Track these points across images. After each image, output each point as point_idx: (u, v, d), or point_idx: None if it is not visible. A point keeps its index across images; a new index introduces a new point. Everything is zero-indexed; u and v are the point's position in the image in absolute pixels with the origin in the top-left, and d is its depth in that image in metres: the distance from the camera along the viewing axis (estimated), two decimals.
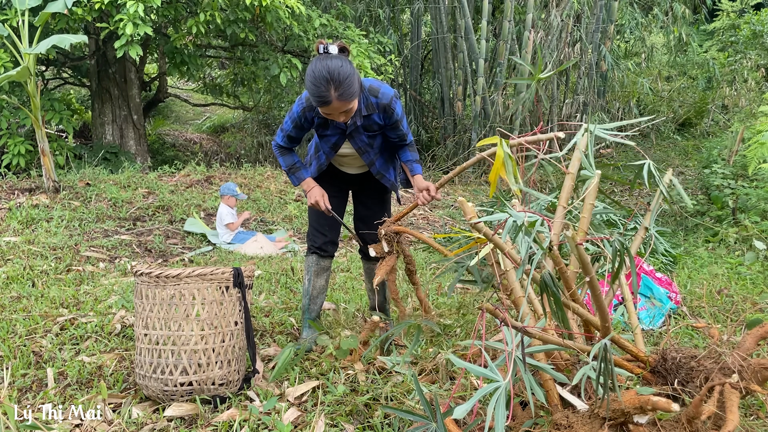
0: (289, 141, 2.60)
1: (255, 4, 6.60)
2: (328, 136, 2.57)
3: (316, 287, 2.85)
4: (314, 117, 2.48)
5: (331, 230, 2.81)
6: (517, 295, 1.81)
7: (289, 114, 2.53)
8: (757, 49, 10.63)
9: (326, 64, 2.17)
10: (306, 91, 2.43)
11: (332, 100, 2.18)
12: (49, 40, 5.31)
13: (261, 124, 12.01)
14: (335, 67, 2.17)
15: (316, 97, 2.20)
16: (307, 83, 2.21)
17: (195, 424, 2.08)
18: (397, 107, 2.46)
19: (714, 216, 5.53)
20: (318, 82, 2.16)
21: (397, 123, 2.51)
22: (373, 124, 2.50)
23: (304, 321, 2.88)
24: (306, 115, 2.47)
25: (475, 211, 1.58)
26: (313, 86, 2.18)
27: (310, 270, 2.84)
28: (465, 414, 1.39)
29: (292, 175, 2.65)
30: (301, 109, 2.46)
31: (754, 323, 1.90)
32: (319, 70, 2.16)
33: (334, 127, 2.50)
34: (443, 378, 2.30)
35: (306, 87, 2.24)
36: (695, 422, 1.48)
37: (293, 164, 2.63)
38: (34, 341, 2.78)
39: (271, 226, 6.32)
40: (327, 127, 2.51)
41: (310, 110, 2.46)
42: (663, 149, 10.14)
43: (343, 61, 2.20)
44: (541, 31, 9.00)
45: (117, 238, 5.20)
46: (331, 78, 2.15)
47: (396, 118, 2.48)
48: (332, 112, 2.27)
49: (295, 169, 2.64)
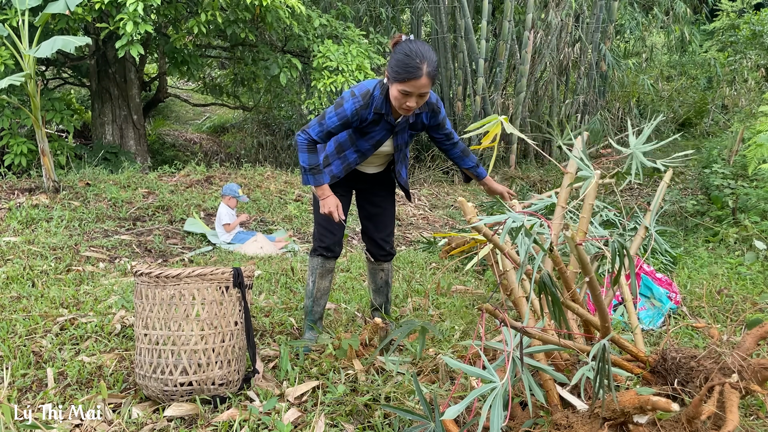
0: (326, 137, 2.47)
1: (255, 4, 6.60)
2: (373, 134, 2.54)
3: (320, 289, 2.81)
4: (369, 114, 2.46)
5: (339, 229, 2.75)
6: (516, 295, 1.81)
7: (336, 111, 2.43)
8: (756, 49, 10.63)
9: (419, 44, 2.29)
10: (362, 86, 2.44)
11: (423, 74, 2.25)
12: (53, 43, 5.30)
13: (261, 124, 12.01)
14: (427, 47, 2.29)
15: (409, 67, 2.24)
16: (398, 58, 2.27)
17: (195, 424, 2.08)
18: (442, 108, 2.59)
19: (714, 216, 5.53)
20: (413, 54, 2.24)
21: (442, 122, 2.61)
22: (419, 123, 2.57)
23: (306, 323, 2.86)
24: (360, 113, 2.43)
25: (474, 211, 1.58)
26: (407, 58, 2.25)
27: (315, 272, 2.79)
28: (457, 414, 1.39)
29: (311, 175, 2.49)
30: (356, 107, 2.42)
31: (754, 323, 1.90)
32: (414, 46, 2.27)
33: (385, 123, 2.51)
34: (443, 378, 2.30)
35: (394, 63, 2.29)
36: (695, 422, 1.48)
37: (317, 164, 2.48)
38: (34, 341, 2.78)
39: (271, 226, 6.32)
40: (378, 122, 2.50)
41: (365, 108, 2.43)
42: (663, 149, 10.13)
43: (430, 47, 2.32)
44: (541, 31, 8.99)
45: (117, 238, 5.20)
46: (425, 54, 2.25)
47: (442, 117, 2.60)
48: (414, 91, 2.29)
49: (316, 171, 2.49)
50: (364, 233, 2.91)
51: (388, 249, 2.88)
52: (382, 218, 2.84)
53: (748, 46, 10.71)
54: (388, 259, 2.91)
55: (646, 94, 11.29)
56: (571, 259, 1.85)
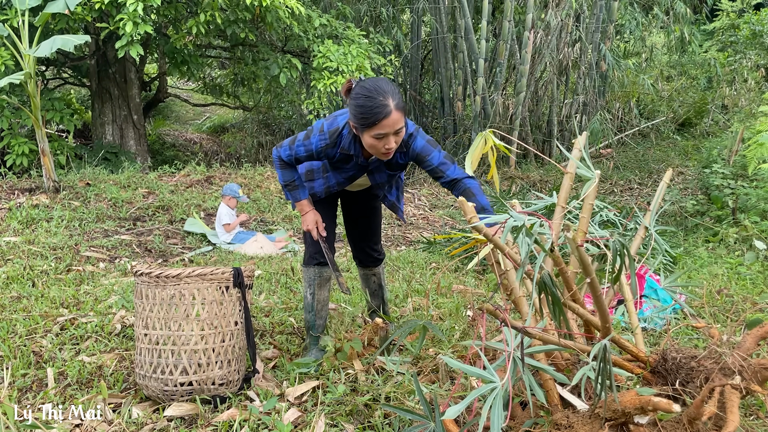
0: (296, 162, 2.41)
1: (255, 4, 6.60)
2: (346, 169, 2.43)
3: (320, 300, 2.68)
4: (336, 153, 2.33)
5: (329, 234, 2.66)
6: (517, 295, 1.81)
7: (304, 143, 2.32)
8: (756, 49, 10.63)
9: (374, 81, 2.12)
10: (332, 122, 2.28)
11: (392, 109, 2.06)
12: (52, 42, 5.31)
13: (261, 124, 12.01)
14: (383, 81, 2.12)
15: (375, 109, 2.06)
16: (358, 103, 2.09)
17: (195, 424, 2.08)
18: (415, 141, 2.29)
19: (714, 216, 5.52)
20: (372, 93, 2.07)
21: (419, 157, 2.31)
22: (394, 163, 2.38)
23: (310, 336, 2.70)
24: (327, 151, 2.32)
25: (475, 211, 1.58)
26: (368, 100, 2.07)
27: (313, 283, 2.65)
28: (458, 414, 1.39)
29: (287, 191, 2.47)
30: (323, 145, 2.29)
31: (754, 323, 1.90)
32: (371, 85, 2.09)
33: (355, 164, 2.38)
34: (443, 378, 2.30)
35: (356, 111, 2.11)
36: (696, 423, 1.48)
37: (292, 180, 2.43)
38: (34, 341, 2.78)
39: (271, 226, 6.32)
40: (347, 162, 2.38)
41: (332, 147, 2.30)
42: (663, 149, 10.14)
43: (385, 80, 2.15)
44: (541, 31, 8.99)
45: (117, 238, 5.20)
46: (385, 88, 2.08)
47: (415, 153, 2.30)
48: (387, 131, 2.10)
49: (293, 187, 2.45)
50: (350, 240, 2.83)
51: (375, 255, 2.82)
52: (367, 226, 2.76)
53: (748, 46, 10.71)
54: (377, 264, 2.86)
55: (646, 94, 11.29)
56: (572, 259, 1.85)
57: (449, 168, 2.30)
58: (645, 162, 9.40)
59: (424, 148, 2.29)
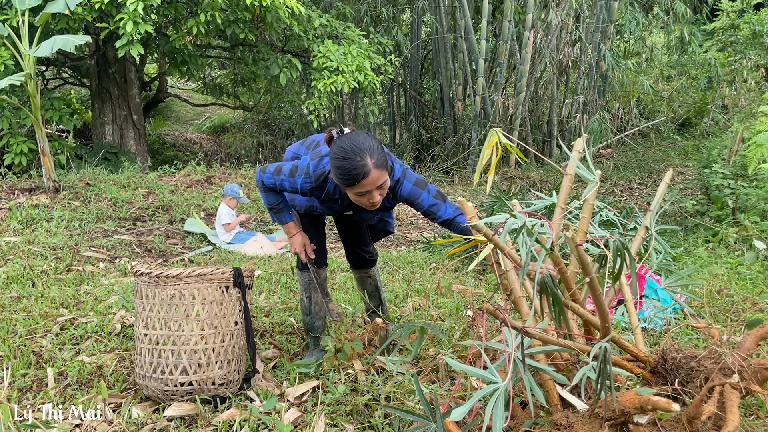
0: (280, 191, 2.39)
1: (255, 4, 6.60)
2: (332, 206, 2.41)
3: (317, 303, 2.68)
4: (321, 195, 2.31)
5: (319, 239, 2.65)
6: (517, 295, 1.81)
7: (289, 179, 2.28)
8: (756, 49, 10.63)
9: (351, 138, 2.05)
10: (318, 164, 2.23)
11: (371, 169, 2.00)
12: (52, 42, 5.31)
13: (261, 124, 12.02)
14: (362, 137, 2.06)
15: (353, 171, 2.00)
16: (337, 163, 2.02)
17: (195, 424, 2.08)
18: (402, 186, 2.25)
19: (714, 216, 5.52)
20: (350, 154, 2.00)
21: (409, 201, 2.27)
22: (382, 206, 2.33)
23: (310, 337, 2.71)
24: (313, 192, 2.30)
25: (474, 211, 1.58)
26: (346, 161, 2.00)
27: (308, 287, 2.65)
28: (462, 416, 1.39)
29: (273, 213, 2.47)
30: (308, 188, 2.27)
31: (754, 323, 1.90)
32: (347, 144, 2.02)
33: (340, 205, 2.37)
34: (443, 378, 2.30)
35: (336, 170, 2.04)
36: (695, 422, 1.48)
37: (276, 204, 2.42)
38: (34, 341, 2.78)
39: (271, 226, 6.32)
40: (333, 202, 2.37)
41: (318, 189, 2.28)
42: (663, 149, 10.14)
43: (364, 134, 2.08)
44: (541, 31, 8.99)
45: (117, 238, 5.20)
46: (363, 146, 2.01)
47: (403, 197, 2.27)
48: (369, 188, 2.05)
49: (278, 210, 2.44)
50: (342, 242, 2.85)
51: (368, 257, 2.82)
52: (358, 232, 2.77)
53: (748, 46, 10.71)
54: (370, 266, 2.87)
55: (646, 94, 11.30)
56: (572, 259, 1.85)
57: (440, 208, 2.26)
58: (645, 162, 9.41)
59: (411, 192, 2.25)
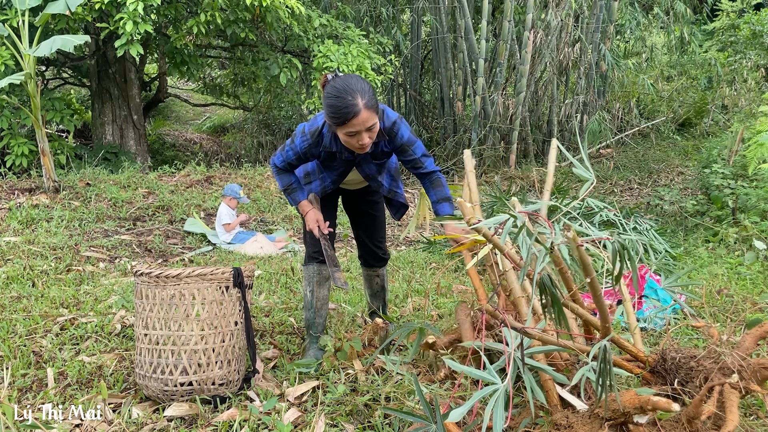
0: (289, 166, 2.52)
1: (255, 4, 6.61)
2: (334, 166, 2.50)
3: (319, 298, 2.71)
4: (321, 151, 2.41)
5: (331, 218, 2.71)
6: (516, 295, 1.81)
7: (291, 145, 2.44)
8: (756, 49, 10.63)
9: (344, 79, 2.15)
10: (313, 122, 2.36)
11: (361, 108, 2.10)
12: (52, 42, 5.31)
13: (261, 124, 12.01)
14: (354, 79, 2.15)
15: (343, 109, 2.10)
16: (329, 102, 2.13)
17: (195, 424, 2.08)
18: (401, 130, 2.36)
19: (714, 216, 5.52)
20: (342, 93, 2.10)
21: (404, 147, 2.41)
22: (379, 153, 2.43)
23: (309, 336, 2.72)
24: (311, 150, 2.40)
25: (473, 212, 1.58)
26: (338, 100, 2.10)
27: (312, 281, 2.69)
28: (461, 417, 1.39)
29: (287, 195, 2.59)
30: (306, 146, 2.39)
31: (754, 323, 1.90)
32: (340, 85, 2.12)
33: (341, 160, 2.45)
34: (435, 370, 2.30)
35: (328, 110, 2.15)
36: (695, 422, 1.48)
37: (290, 184, 2.56)
38: (34, 341, 2.78)
39: (271, 226, 6.32)
40: (334, 159, 2.46)
41: (315, 146, 2.39)
42: (663, 149, 10.13)
43: (357, 77, 2.17)
44: (541, 31, 8.99)
45: (117, 238, 5.20)
46: (355, 87, 2.11)
47: (401, 142, 2.39)
48: (359, 128, 2.14)
49: (291, 190, 2.56)
50: (357, 238, 2.90)
51: (380, 254, 2.86)
52: (371, 224, 2.81)
53: (748, 46, 10.71)
54: (381, 264, 2.90)
55: (646, 94, 11.29)
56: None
57: (428, 160, 2.48)
58: (645, 162, 9.40)
59: (409, 139, 2.40)
